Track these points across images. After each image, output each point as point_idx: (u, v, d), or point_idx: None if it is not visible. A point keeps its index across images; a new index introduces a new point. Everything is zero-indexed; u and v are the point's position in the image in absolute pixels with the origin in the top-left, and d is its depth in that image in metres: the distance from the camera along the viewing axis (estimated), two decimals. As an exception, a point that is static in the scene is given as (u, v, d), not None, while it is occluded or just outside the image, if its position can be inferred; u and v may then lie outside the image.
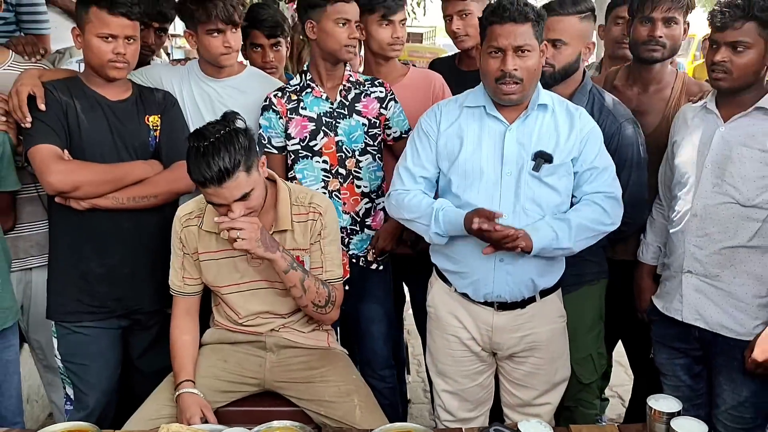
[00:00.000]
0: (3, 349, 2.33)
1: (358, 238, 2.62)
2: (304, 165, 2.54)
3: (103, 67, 2.29)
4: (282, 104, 2.52)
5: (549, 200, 2.14)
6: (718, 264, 2.12)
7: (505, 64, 2.04)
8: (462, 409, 2.36)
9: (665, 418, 1.78)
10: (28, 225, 2.53)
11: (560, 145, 2.13)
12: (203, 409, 2.08)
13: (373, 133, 2.58)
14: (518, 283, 2.18)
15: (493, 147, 2.14)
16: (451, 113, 2.23)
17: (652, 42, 2.49)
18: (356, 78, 2.60)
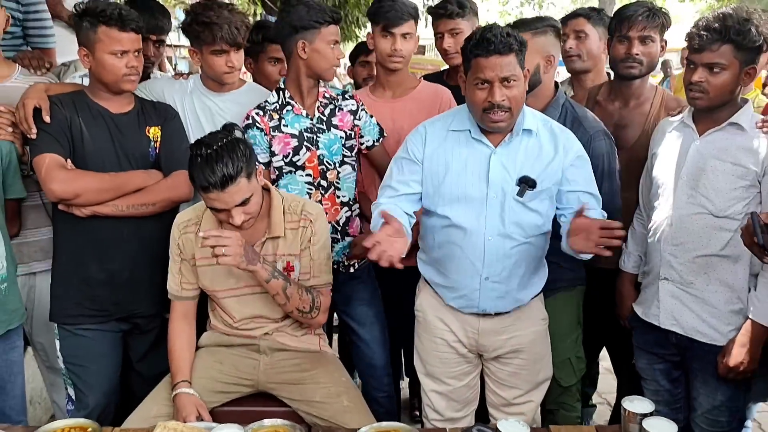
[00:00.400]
0: (8, 350, 2.43)
1: (340, 246, 2.69)
2: (288, 180, 2.62)
3: (118, 83, 2.39)
4: (264, 122, 2.59)
5: (531, 222, 2.21)
6: (693, 272, 2.21)
7: (492, 95, 2.07)
8: (450, 409, 2.43)
9: (638, 418, 1.84)
10: (32, 231, 2.62)
11: (544, 168, 2.18)
12: (199, 408, 2.17)
13: (350, 145, 2.66)
14: (503, 298, 2.27)
15: (479, 170, 2.19)
16: (437, 136, 2.26)
17: (629, 59, 2.59)
18: (329, 93, 2.67)
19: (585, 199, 2.18)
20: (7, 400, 2.46)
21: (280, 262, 2.31)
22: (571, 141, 2.24)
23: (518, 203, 2.17)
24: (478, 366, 2.44)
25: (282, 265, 2.31)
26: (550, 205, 2.23)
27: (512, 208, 2.18)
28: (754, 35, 2.08)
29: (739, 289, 2.18)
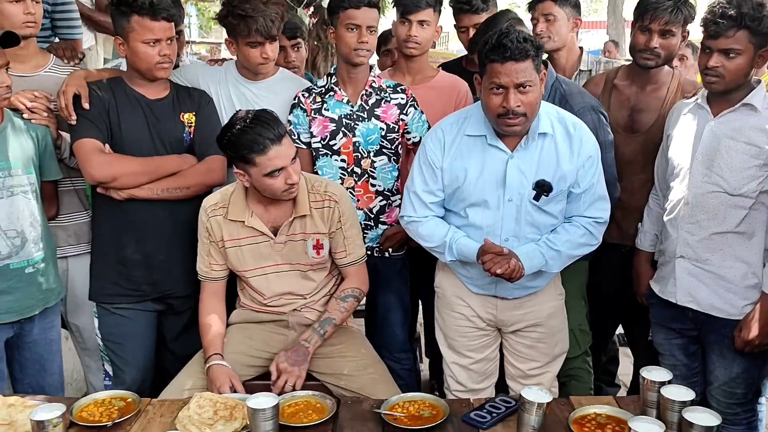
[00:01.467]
0: (47, 328, 2.54)
1: (374, 233, 2.77)
2: (323, 162, 2.72)
3: (151, 71, 2.47)
4: (308, 104, 2.69)
5: (546, 223, 2.31)
6: (708, 249, 2.29)
7: (507, 101, 2.09)
8: (471, 381, 2.51)
9: (656, 386, 1.91)
10: (65, 216, 2.72)
11: (560, 171, 2.25)
12: (232, 379, 2.25)
13: (391, 138, 2.72)
14: (519, 288, 2.36)
15: (495, 176, 2.25)
16: (455, 142, 2.30)
17: (647, 51, 2.64)
18: (380, 84, 2.73)
19: (586, 201, 2.31)
20: (46, 377, 2.57)
21: (310, 240, 2.40)
22: (585, 139, 2.28)
23: (534, 206, 2.26)
24: (498, 339, 2.52)
25: (312, 243, 2.40)
26: (564, 205, 2.32)
27: (528, 211, 2.26)
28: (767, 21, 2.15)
29: (755, 265, 2.25)
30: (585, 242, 2.32)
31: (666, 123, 2.52)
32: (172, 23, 2.48)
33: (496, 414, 1.99)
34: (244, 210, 2.36)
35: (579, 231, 2.31)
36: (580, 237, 2.31)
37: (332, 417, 1.99)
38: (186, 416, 1.95)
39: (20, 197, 2.37)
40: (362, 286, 2.49)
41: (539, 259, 2.26)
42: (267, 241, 2.38)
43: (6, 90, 2.25)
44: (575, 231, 2.31)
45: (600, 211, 2.33)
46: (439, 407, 2.02)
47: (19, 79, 2.45)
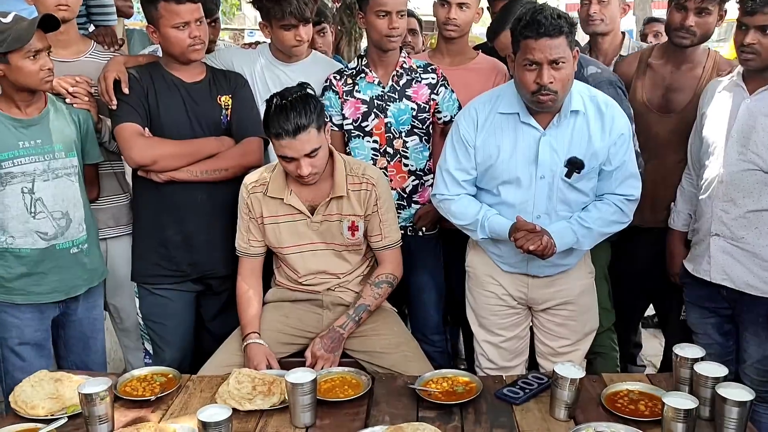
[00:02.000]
0: (90, 307, 2.62)
1: (407, 213, 2.80)
2: (356, 144, 2.75)
3: (184, 54, 2.52)
4: (339, 86, 2.72)
5: (577, 200, 2.31)
6: (743, 227, 2.28)
7: (541, 77, 2.10)
8: (501, 359, 2.54)
9: (689, 363, 1.93)
10: (106, 199, 2.79)
11: (592, 149, 2.25)
12: (268, 357, 2.31)
13: (422, 117, 2.74)
14: (550, 266, 2.38)
15: (528, 153, 2.26)
16: (488, 120, 2.32)
17: (683, 30, 2.61)
18: (410, 64, 2.74)
19: (617, 179, 2.31)
20: (90, 355, 2.65)
21: (345, 221, 2.43)
22: (617, 117, 2.29)
23: (566, 183, 2.27)
24: (528, 317, 2.54)
25: (347, 224, 2.43)
26: (595, 183, 2.33)
27: (560, 188, 2.27)
28: None
29: (790, 243, 2.23)
30: (616, 220, 2.33)
31: (700, 101, 2.50)
32: (199, 4, 2.51)
33: (529, 390, 2.02)
34: (283, 188, 2.40)
35: (610, 209, 2.32)
36: (611, 215, 2.31)
37: (368, 392, 2.03)
38: (226, 391, 2.01)
39: (64, 179, 2.44)
40: (396, 272, 2.52)
41: (571, 237, 2.27)
42: (304, 219, 2.42)
43: (48, 73, 2.31)
44: (606, 209, 2.32)
45: (631, 188, 2.33)
46: (473, 383, 2.05)
47: (61, 64, 2.52)
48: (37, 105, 2.41)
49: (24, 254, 2.39)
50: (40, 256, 2.41)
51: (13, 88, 2.32)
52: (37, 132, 2.39)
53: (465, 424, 1.88)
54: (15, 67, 2.26)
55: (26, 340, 2.45)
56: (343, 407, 1.97)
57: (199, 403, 1.99)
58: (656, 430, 1.78)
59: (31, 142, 2.37)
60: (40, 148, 2.38)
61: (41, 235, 2.41)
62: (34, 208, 2.38)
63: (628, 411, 1.89)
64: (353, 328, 2.39)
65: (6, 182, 2.34)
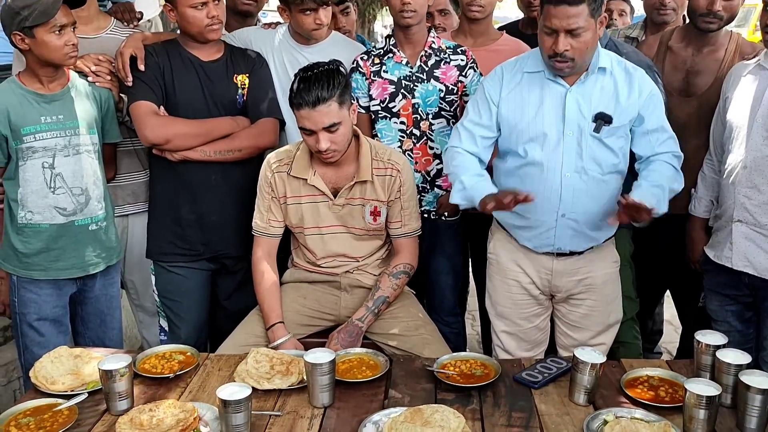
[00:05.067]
0: (108, 285, 2.63)
1: (430, 196, 2.78)
2: (383, 125, 2.72)
3: (202, 33, 2.50)
4: (367, 66, 2.70)
5: (608, 160, 2.25)
6: (767, 213, 2.24)
7: (557, 45, 2.10)
8: (519, 349, 2.51)
9: (711, 350, 1.91)
10: (126, 176, 2.80)
11: (620, 106, 2.22)
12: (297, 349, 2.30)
13: (450, 99, 2.70)
14: (577, 236, 2.32)
15: (555, 109, 2.24)
16: (513, 78, 2.31)
17: (710, 15, 2.57)
18: (439, 45, 2.71)
19: (658, 139, 2.25)
20: (107, 332, 2.67)
21: (368, 206, 2.42)
22: (645, 79, 2.27)
23: (595, 139, 2.22)
24: (549, 308, 2.51)
25: (369, 209, 2.42)
26: (626, 142, 2.28)
27: (589, 144, 2.23)
28: None
29: (814, 230, 2.21)
30: (674, 178, 2.24)
31: (724, 85, 2.46)
32: None
33: (548, 374, 2.02)
34: (307, 168, 2.39)
35: (667, 168, 2.24)
36: (671, 174, 2.24)
37: (386, 373, 2.03)
38: (244, 370, 2.02)
39: (85, 156, 2.44)
40: (413, 262, 2.51)
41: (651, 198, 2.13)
42: (326, 201, 2.41)
43: (73, 49, 2.31)
44: (660, 167, 2.24)
45: (675, 145, 2.28)
46: (491, 366, 2.05)
47: (83, 40, 2.50)
48: (60, 81, 2.41)
49: (43, 229, 2.41)
50: (58, 232, 2.42)
51: (38, 62, 2.32)
52: (59, 108, 2.39)
53: (484, 407, 1.88)
54: (40, 41, 2.26)
55: (44, 315, 2.47)
56: (361, 388, 1.98)
57: (218, 381, 2.00)
58: (676, 416, 1.77)
59: (53, 117, 2.37)
60: (61, 124, 2.38)
61: (60, 210, 2.41)
62: (53, 184, 2.39)
63: (648, 397, 1.88)
64: (372, 320, 2.39)
65: (27, 157, 2.35)
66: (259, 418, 1.82)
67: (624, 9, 4.07)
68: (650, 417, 1.76)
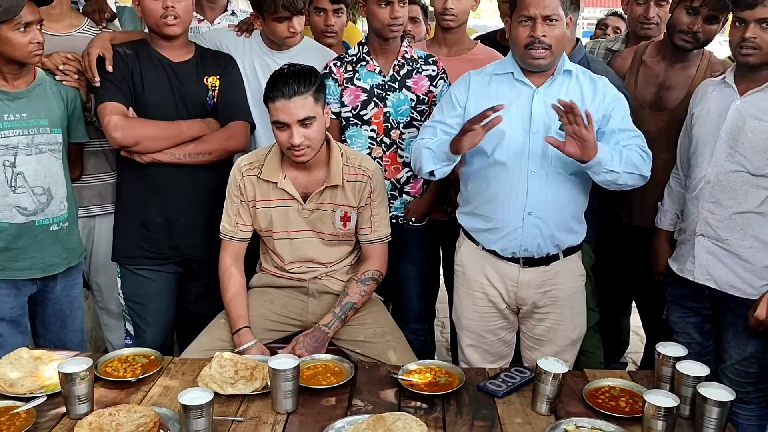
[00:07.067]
0: (70, 286, 2.59)
1: (399, 201, 2.79)
2: (353, 132, 2.73)
3: (158, 26, 2.47)
4: (340, 73, 2.70)
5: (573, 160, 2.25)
6: (729, 228, 2.29)
7: (534, 30, 2.18)
8: (484, 362, 2.51)
9: (671, 361, 1.94)
10: (92, 176, 2.77)
11: (585, 107, 2.24)
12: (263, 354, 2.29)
13: (421, 109, 2.72)
14: (544, 236, 2.32)
15: (521, 109, 2.29)
16: (481, 80, 2.37)
17: (689, 34, 2.62)
18: (411, 54, 2.72)
19: (625, 138, 2.28)
20: (67, 334, 2.63)
21: (338, 212, 2.41)
22: (609, 85, 2.34)
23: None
24: (515, 324, 2.52)
25: (340, 214, 2.42)
26: None
27: None
28: None
29: (774, 245, 2.25)
30: (639, 160, 2.25)
31: (691, 101, 2.51)
32: None
33: (512, 383, 2.03)
34: (277, 172, 2.38)
35: (632, 151, 2.26)
36: (634, 154, 2.25)
37: (350, 380, 2.03)
38: (208, 375, 2.00)
39: (48, 155, 2.41)
40: (382, 268, 2.51)
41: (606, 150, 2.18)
42: (295, 205, 2.40)
43: (38, 47, 2.28)
44: (627, 150, 2.25)
45: (642, 142, 2.30)
46: (456, 375, 2.05)
47: (53, 38, 2.49)
48: (25, 78, 2.38)
49: (2, 228, 2.36)
50: (18, 231, 2.38)
51: (2, 60, 2.29)
52: (23, 105, 2.35)
53: (447, 415, 1.88)
54: (4, 38, 2.23)
55: (2, 316, 2.42)
56: (325, 394, 1.97)
57: (181, 385, 1.98)
58: (636, 426, 1.79)
59: (16, 115, 2.33)
60: (25, 122, 2.35)
61: (20, 210, 2.37)
62: (14, 182, 2.35)
63: (609, 407, 1.90)
64: (339, 326, 2.38)
65: None
66: (220, 423, 1.81)
67: (619, 27, 4.16)
68: (610, 427, 1.78)
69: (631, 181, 2.27)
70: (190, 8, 2.54)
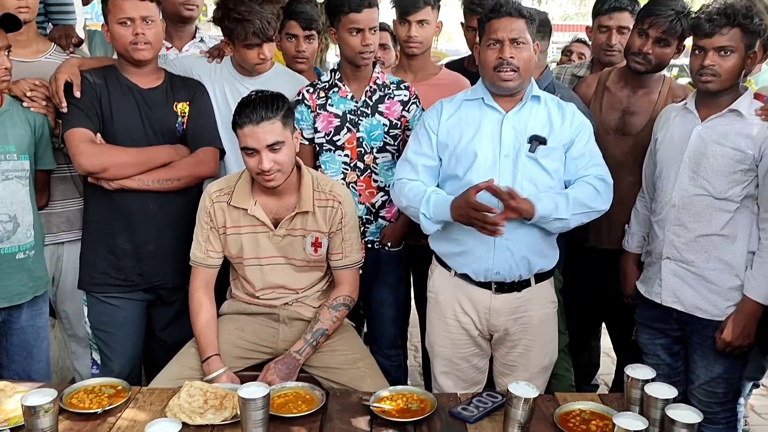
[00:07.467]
0: (35, 315, 2.54)
1: (374, 226, 2.79)
2: (327, 157, 2.74)
3: (128, 51, 2.46)
4: (313, 99, 2.71)
5: (543, 181, 2.31)
6: (694, 250, 2.34)
7: (502, 52, 2.24)
8: (456, 388, 2.49)
9: (640, 384, 1.95)
10: (60, 202, 2.72)
11: (553, 131, 2.32)
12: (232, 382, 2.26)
13: (394, 134, 2.74)
14: (516, 260, 2.34)
15: (491, 133, 2.32)
16: (452, 107, 2.41)
17: (640, 55, 2.69)
18: (383, 80, 2.75)
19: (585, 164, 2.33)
20: (33, 364, 2.56)
21: (309, 237, 2.41)
22: (576, 111, 2.39)
23: (531, 160, 2.29)
24: (488, 351, 2.52)
25: (310, 240, 2.41)
26: (560, 166, 2.34)
27: (525, 165, 2.29)
28: (757, 20, 2.23)
29: (738, 267, 2.30)
30: (591, 196, 2.29)
31: (654, 126, 2.57)
32: (148, 2, 2.45)
33: (483, 408, 2.03)
34: (248, 198, 2.38)
35: (583, 186, 2.30)
36: (585, 190, 2.29)
37: (321, 408, 2.01)
38: (176, 404, 1.97)
39: (15, 182, 2.37)
40: (353, 294, 2.51)
41: (547, 200, 2.24)
42: (266, 232, 2.39)
43: (5, 72, 2.26)
44: (579, 185, 2.31)
45: (600, 169, 2.35)
46: (428, 400, 2.05)
47: (20, 64, 2.46)
48: None
49: None
50: None
51: None
52: None
53: (419, 441, 1.88)
54: None
55: (-35, 347, 2.37)
56: (296, 423, 1.95)
57: (149, 416, 1.95)
58: (607, 450, 1.80)
59: None
60: None
61: (-15, 238, 2.33)
62: None
63: (580, 431, 1.91)
64: (310, 353, 2.37)
65: None
66: (189, 455, 1.78)
67: (583, 53, 4.30)
68: (581, 451, 1.79)
69: (586, 219, 2.32)
70: (160, 34, 2.54)
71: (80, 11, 3.68)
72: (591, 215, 2.32)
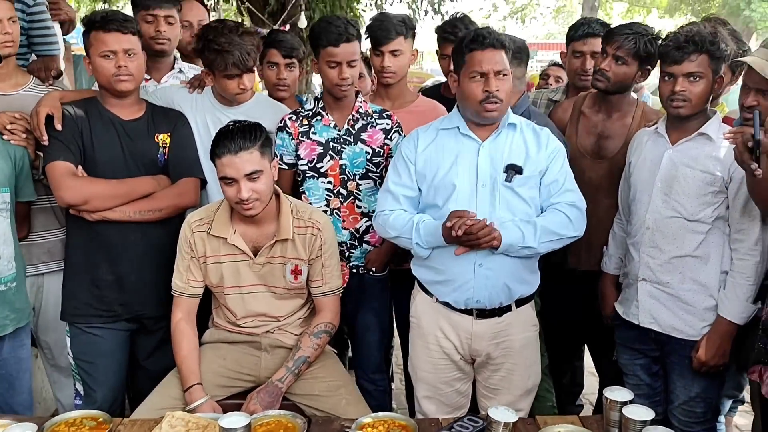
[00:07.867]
0: (17, 347, 2.53)
1: (359, 251, 2.81)
2: (310, 184, 2.76)
3: (110, 83, 2.49)
4: (295, 127, 2.74)
5: (521, 209, 2.34)
6: (668, 272, 2.38)
7: (489, 85, 2.24)
8: (439, 413, 2.50)
9: (618, 406, 1.98)
10: (41, 233, 2.73)
11: (530, 159, 2.35)
12: (215, 411, 2.27)
13: (377, 161, 2.77)
14: (496, 287, 2.36)
15: (468, 162, 2.35)
16: (428, 136, 2.43)
17: (598, 72, 2.75)
18: (366, 109, 2.78)
19: (557, 190, 2.37)
20: (14, 396, 2.55)
21: (289, 265, 2.43)
22: (551, 137, 2.43)
23: (508, 189, 2.31)
24: (470, 375, 2.54)
25: (290, 267, 2.43)
26: (536, 194, 2.37)
27: (502, 194, 2.32)
28: (723, 46, 2.31)
29: (712, 288, 2.34)
30: (561, 224, 2.32)
31: (628, 150, 2.61)
32: (130, 35, 2.49)
33: (464, 433, 2.04)
34: (227, 227, 2.39)
35: (554, 214, 2.33)
36: (555, 218, 2.32)
37: (303, 436, 2.02)
38: (158, 436, 1.97)
39: None
40: (335, 321, 2.52)
41: (513, 230, 2.28)
42: (246, 260, 2.41)
43: None
44: (549, 212, 2.35)
45: (572, 195, 2.37)
46: (409, 426, 2.06)
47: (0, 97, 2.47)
48: None
49: None
50: None
51: None
52: None
53: (400, 468, 1.89)
54: None
55: (-53, 380, 2.36)
56: (277, 452, 1.96)
57: (130, 448, 1.95)
58: (586, 472, 1.82)
59: None
60: None
61: (-33, 271, 2.33)
62: None
63: (559, 454, 1.93)
64: (292, 381, 2.38)
65: None
66: (170, 487, 1.78)
67: (560, 76, 4.34)
68: (560, 474, 1.81)
69: (557, 246, 2.35)
70: (142, 66, 2.57)
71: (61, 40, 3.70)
72: (562, 242, 2.35)
